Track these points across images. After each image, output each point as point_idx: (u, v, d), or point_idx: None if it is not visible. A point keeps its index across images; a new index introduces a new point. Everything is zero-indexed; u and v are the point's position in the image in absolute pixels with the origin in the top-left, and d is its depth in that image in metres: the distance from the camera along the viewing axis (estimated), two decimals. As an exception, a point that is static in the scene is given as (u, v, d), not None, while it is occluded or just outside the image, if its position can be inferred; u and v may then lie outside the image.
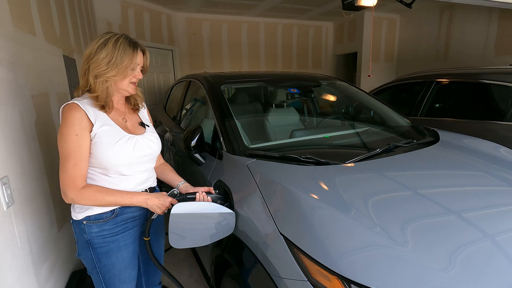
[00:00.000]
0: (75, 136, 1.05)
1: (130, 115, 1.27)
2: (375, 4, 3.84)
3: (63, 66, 2.30)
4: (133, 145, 1.17)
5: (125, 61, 1.10)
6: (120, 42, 1.10)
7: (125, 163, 1.16)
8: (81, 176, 1.08)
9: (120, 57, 1.09)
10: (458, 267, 0.89)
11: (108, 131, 1.12)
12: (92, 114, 1.10)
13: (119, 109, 1.23)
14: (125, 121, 1.22)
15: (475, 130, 2.53)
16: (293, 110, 2.48)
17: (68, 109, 1.07)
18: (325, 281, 0.92)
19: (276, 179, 1.27)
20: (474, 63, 5.08)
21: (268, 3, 5.50)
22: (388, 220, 1.05)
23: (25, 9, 1.71)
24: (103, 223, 1.16)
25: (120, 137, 1.14)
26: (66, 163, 1.06)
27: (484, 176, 1.45)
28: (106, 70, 1.09)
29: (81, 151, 1.07)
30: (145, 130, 1.28)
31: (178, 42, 6.12)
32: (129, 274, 1.27)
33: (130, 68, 1.13)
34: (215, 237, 1.26)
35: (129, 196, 1.15)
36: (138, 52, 1.14)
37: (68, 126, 1.05)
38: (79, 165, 1.07)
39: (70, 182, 1.06)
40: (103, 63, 1.08)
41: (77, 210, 1.16)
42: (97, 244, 1.17)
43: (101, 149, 1.10)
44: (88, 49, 1.10)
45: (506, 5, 3.49)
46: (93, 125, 1.09)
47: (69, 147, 1.05)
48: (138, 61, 1.15)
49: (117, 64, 1.09)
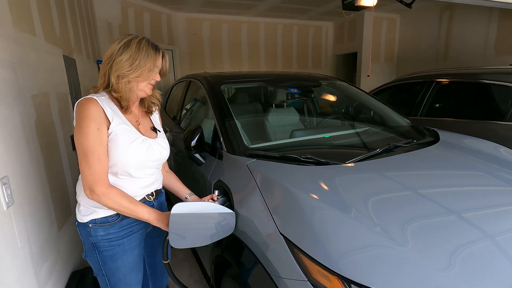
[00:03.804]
0: (97, 131, 1.04)
1: (142, 118, 1.26)
2: (375, 4, 3.84)
3: (63, 66, 2.30)
4: (146, 147, 1.17)
5: (148, 63, 1.10)
6: (143, 44, 1.10)
7: (136, 164, 1.15)
8: (106, 171, 1.07)
9: (144, 59, 1.09)
10: (458, 267, 0.89)
11: (125, 130, 1.12)
12: (109, 112, 1.09)
13: (133, 111, 1.22)
14: (138, 124, 1.21)
15: (475, 130, 2.53)
16: (293, 110, 2.48)
17: (87, 104, 1.05)
18: (325, 281, 0.92)
19: (276, 179, 1.27)
20: (474, 63, 5.08)
21: (268, 3, 5.50)
22: (388, 220, 1.05)
23: (25, 9, 1.71)
24: (109, 226, 1.16)
25: (135, 138, 1.14)
26: (91, 158, 1.03)
27: (484, 176, 1.45)
28: (129, 71, 1.08)
29: (103, 146, 1.06)
30: (157, 135, 1.28)
31: (178, 42, 6.12)
32: (135, 277, 1.27)
33: (152, 71, 1.13)
34: (215, 237, 1.26)
35: (147, 212, 1.13)
36: (160, 54, 1.15)
37: (88, 120, 1.03)
38: (103, 160, 1.06)
39: (99, 177, 1.04)
40: (126, 64, 1.08)
41: (82, 213, 1.15)
42: (102, 248, 1.16)
43: (115, 148, 1.09)
44: (109, 50, 1.10)
45: (506, 5, 3.49)
46: (110, 123, 1.08)
47: (91, 141, 1.03)
48: (160, 64, 1.16)
49: (141, 66, 1.09)
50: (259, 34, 6.89)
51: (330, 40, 7.60)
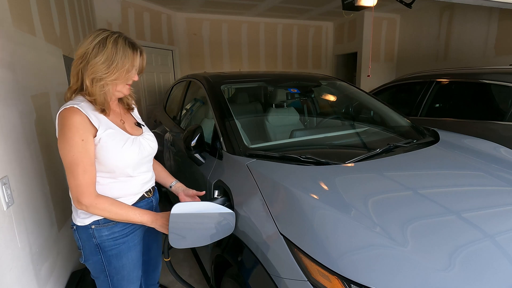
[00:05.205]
0: (81, 142, 1.00)
1: (125, 115, 1.25)
2: (375, 4, 3.83)
3: (63, 66, 2.30)
4: (138, 146, 1.17)
5: (126, 65, 1.05)
6: (119, 43, 1.04)
7: (133, 165, 1.15)
8: (93, 182, 1.05)
9: (122, 60, 1.04)
10: (458, 267, 0.89)
11: (113, 134, 1.09)
12: (94, 119, 1.05)
13: (115, 111, 1.20)
14: (123, 123, 1.20)
15: (475, 130, 2.53)
16: (293, 110, 2.48)
17: (69, 114, 1.00)
18: (325, 281, 0.92)
19: (276, 179, 1.27)
20: (474, 63, 5.08)
21: (268, 3, 5.50)
22: (388, 220, 1.05)
23: (25, 9, 1.71)
24: (113, 225, 1.15)
25: (126, 139, 1.13)
26: (76, 170, 1.01)
27: (484, 176, 1.45)
28: (106, 74, 1.03)
29: (88, 156, 1.03)
30: (143, 130, 1.28)
31: (178, 42, 6.12)
32: (137, 274, 1.28)
33: (130, 72, 1.09)
34: (215, 237, 1.26)
35: (139, 214, 1.13)
36: (137, 53, 1.10)
37: (72, 131, 1.00)
38: (89, 171, 1.03)
39: (84, 189, 1.02)
40: (103, 67, 1.02)
41: (81, 216, 1.12)
42: (108, 247, 1.16)
43: (108, 153, 1.07)
44: (82, 48, 1.03)
45: (506, 5, 3.49)
46: (97, 130, 1.05)
47: (76, 153, 1.00)
48: (138, 63, 1.11)
49: (118, 68, 1.04)
50: (259, 34, 6.88)
51: (330, 40, 7.59)
